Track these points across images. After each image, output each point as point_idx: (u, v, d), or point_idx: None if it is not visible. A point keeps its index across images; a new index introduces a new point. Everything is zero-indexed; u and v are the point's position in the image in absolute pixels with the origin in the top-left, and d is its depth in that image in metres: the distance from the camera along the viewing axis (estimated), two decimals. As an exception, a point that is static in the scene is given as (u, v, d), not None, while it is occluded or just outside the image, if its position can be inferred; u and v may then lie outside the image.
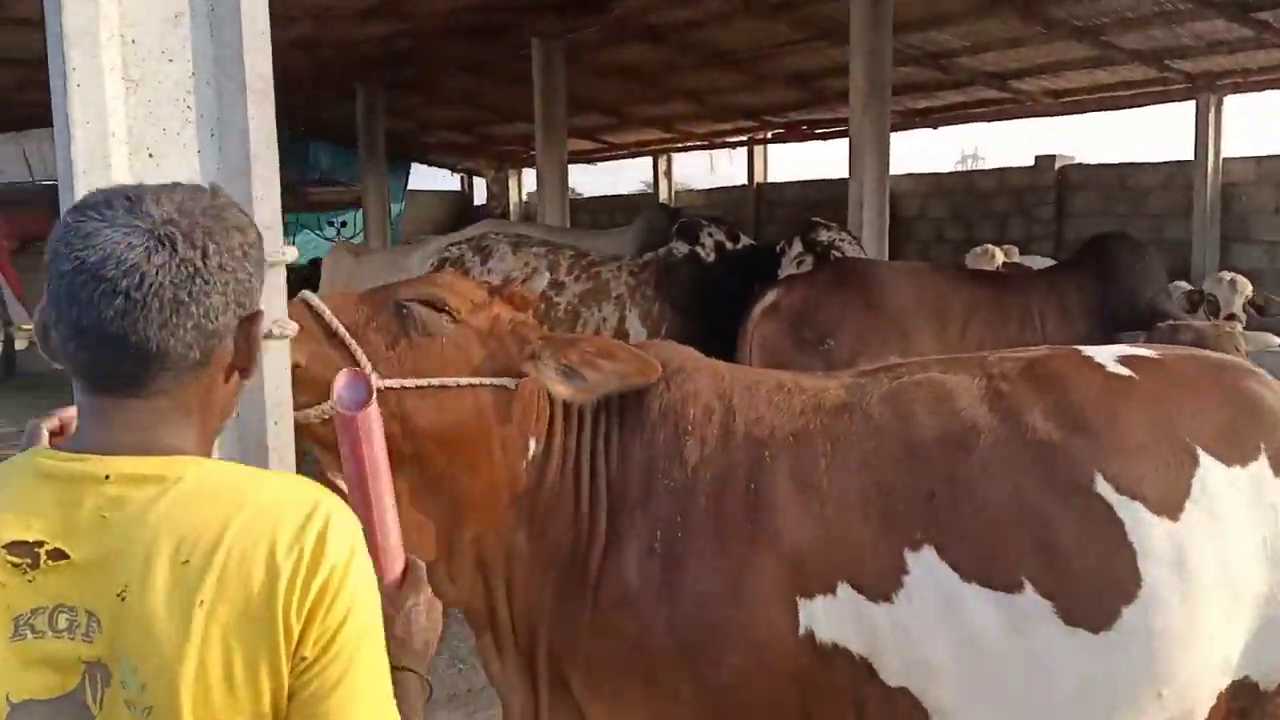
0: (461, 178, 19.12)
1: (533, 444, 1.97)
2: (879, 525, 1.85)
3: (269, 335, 1.66)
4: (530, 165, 14.65)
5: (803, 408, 1.98)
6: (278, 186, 1.67)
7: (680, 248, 5.70)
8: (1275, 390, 2.01)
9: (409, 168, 16.83)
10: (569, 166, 10.31)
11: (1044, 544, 1.82)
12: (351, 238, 15.44)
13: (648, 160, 15.56)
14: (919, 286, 4.47)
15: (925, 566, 1.82)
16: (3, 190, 13.43)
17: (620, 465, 1.97)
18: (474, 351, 1.91)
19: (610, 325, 5.61)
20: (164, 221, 1.11)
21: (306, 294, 1.90)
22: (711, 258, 5.62)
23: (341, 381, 1.57)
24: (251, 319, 1.20)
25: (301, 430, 1.77)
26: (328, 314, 1.84)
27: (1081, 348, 2.11)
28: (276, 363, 1.67)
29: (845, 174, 7.98)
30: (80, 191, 1.53)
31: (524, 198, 17.18)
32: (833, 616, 1.84)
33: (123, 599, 1.08)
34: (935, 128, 12.10)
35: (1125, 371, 1.98)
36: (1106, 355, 2.04)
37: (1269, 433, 1.92)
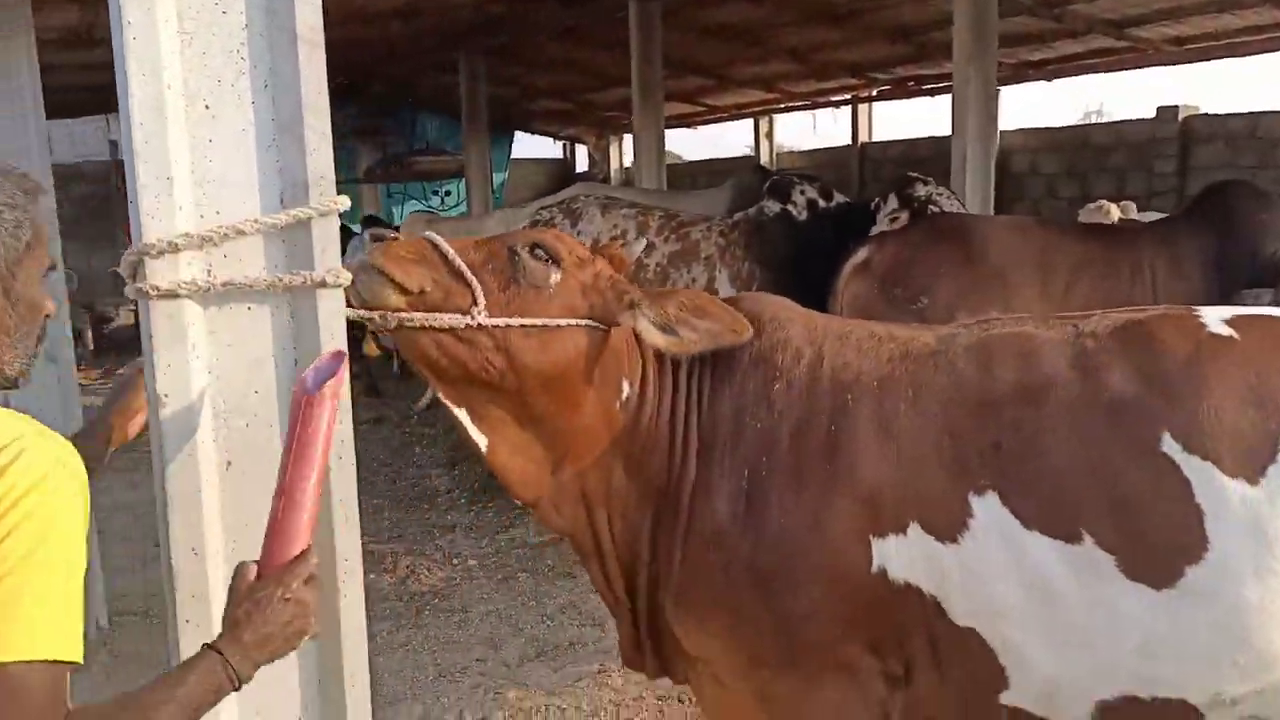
0: (564, 145, 19.21)
1: (626, 387, 2.12)
2: (948, 470, 1.92)
3: (322, 284, 1.70)
4: (631, 131, 14.62)
5: (890, 355, 2.06)
6: (329, 137, 1.69)
7: (771, 206, 5.60)
8: None
9: (512, 136, 16.98)
10: (669, 131, 10.24)
11: (1107, 499, 1.85)
12: (454, 207, 15.70)
13: (749, 123, 15.36)
14: (1020, 240, 4.29)
15: (989, 512, 1.89)
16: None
17: (710, 410, 2.10)
18: (576, 300, 2.04)
19: (700, 286, 5.58)
20: None
21: (431, 234, 2.06)
22: (804, 216, 5.51)
23: (316, 361, 1.60)
24: None
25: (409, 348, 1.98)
26: (451, 252, 1.99)
27: (1195, 308, 2.08)
28: (330, 310, 1.70)
29: (949, 130, 7.73)
30: (139, 144, 1.58)
31: (625, 164, 17.16)
32: (904, 555, 1.93)
33: None
34: (1050, 80, 11.57)
35: (1227, 332, 1.95)
36: (1214, 316, 2.01)
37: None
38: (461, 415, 2.04)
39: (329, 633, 1.75)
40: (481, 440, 2.06)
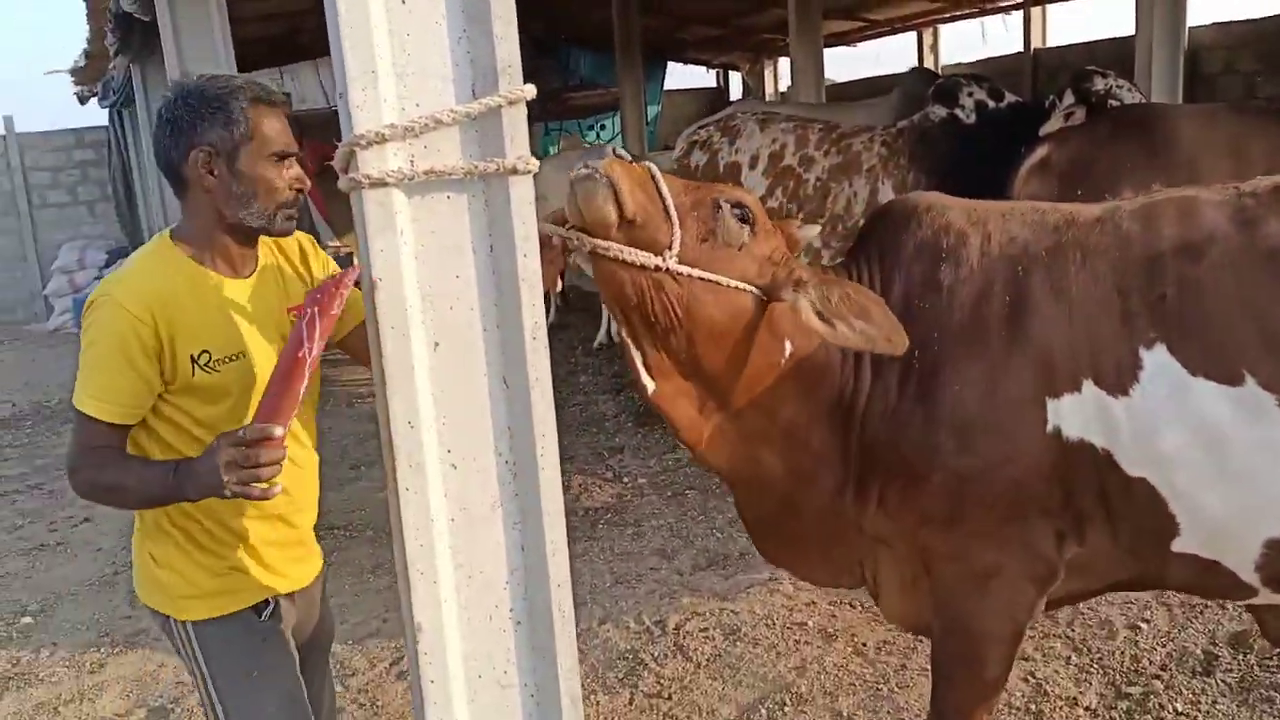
0: (717, 74, 18.97)
1: (789, 346, 2.19)
2: (1118, 325, 2.02)
3: (513, 170, 1.77)
4: (786, 54, 14.28)
5: (1056, 224, 2.14)
6: (515, 24, 1.74)
7: (937, 111, 5.38)
8: None
9: (664, 68, 16.87)
10: (826, 51, 9.96)
11: (1267, 342, 1.94)
12: (610, 141, 15.77)
13: (910, 37, 14.76)
14: (1211, 129, 4.01)
15: (1157, 363, 1.99)
16: (304, 116, 14.74)
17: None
18: (755, 267, 2.12)
19: (862, 199, 5.45)
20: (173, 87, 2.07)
21: (652, 165, 2.13)
22: (972, 119, 5.28)
23: (350, 277, 1.86)
24: (195, 151, 1.98)
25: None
26: (666, 189, 2.07)
27: None
28: (521, 197, 1.77)
29: (1133, 30, 7.25)
30: (345, 35, 1.67)
31: (780, 89, 16.82)
32: (1077, 413, 2.02)
33: None
34: (1245, -30, 10.62)
35: None
36: None
37: None
38: (635, 356, 2.14)
39: (530, 509, 1.86)
40: (649, 384, 2.14)
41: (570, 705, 1.92)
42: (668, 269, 2.00)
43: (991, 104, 5.30)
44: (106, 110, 12.85)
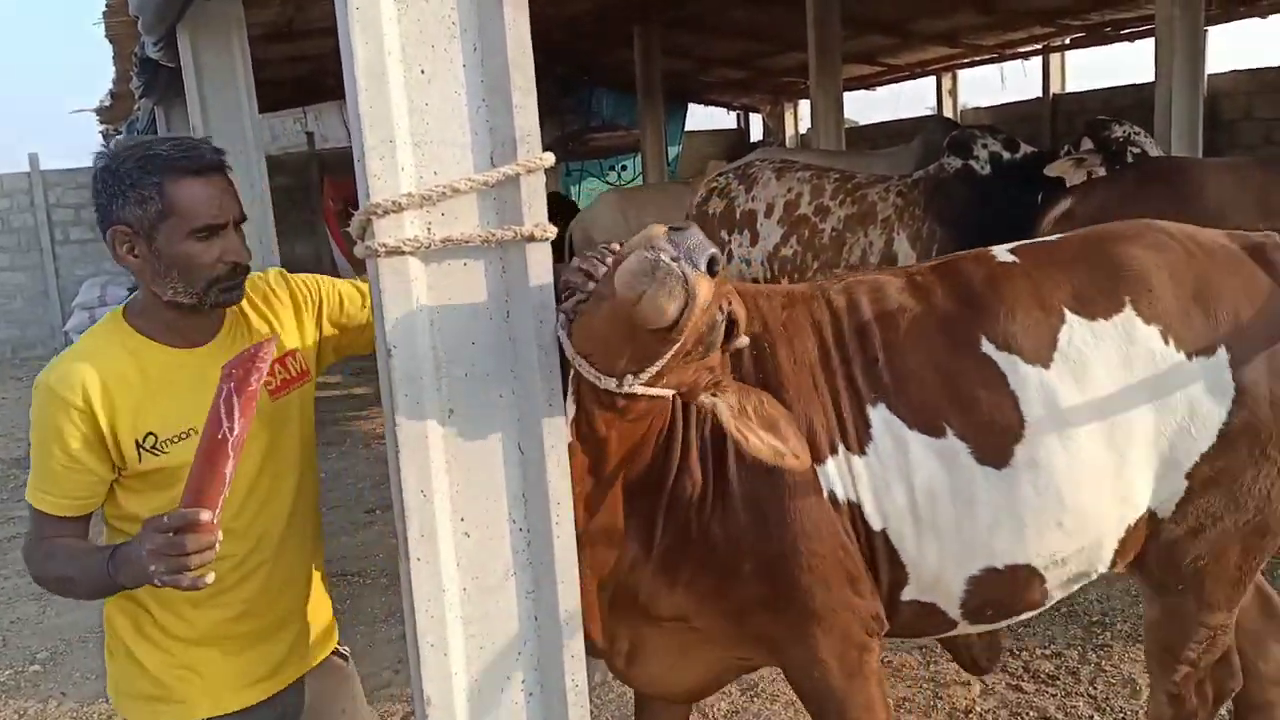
0: (737, 115, 19.09)
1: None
2: (849, 389, 2.20)
3: (530, 237, 1.76)
4: (806, 97, 14.36)
5: (783, 302, 2.29)
6: (534, 94, 1.74)
7: (952, 162, 5.37)
8: (1163, 250, 2.29)
9: (685, 109, 17.01)
10: (846, 94, 10.00)
11: (954, 395, 2.18)
12: (629, 182, 15.86)
13: (929, 81, 14.83)
14: (1238, 183, 3.97)
15: (881, 419, 2.19)
16: (326, 154, 14.87)
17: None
18: (694, 373, 1.91)
19: (877, 249, 5.43)
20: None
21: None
22: (987, 170, 5.27)
23: (267, 349, 1.76)
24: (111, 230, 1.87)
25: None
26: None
27: (990, 248, 2.42)
28: (538, 263, 1.76)
29: (1153, 77, 7.25)
30: (364, 106, 1.68)
31: (800, 130, 16.90)
32: (836, 475, 2.16)
33: None
34: (1264, 16, 10.65)
35: (1011, 259, 2.35)
36: (1001, 249, 2.40)
37: (1134, 287, 2.24)
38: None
39: (544, 578, 1.83)
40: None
41: (582, 780, 1.88)
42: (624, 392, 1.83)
43: (1006, 155, 5.28)
44: (132, 149, 13.01)
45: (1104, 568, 2.33)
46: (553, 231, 1.78)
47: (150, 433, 1.86)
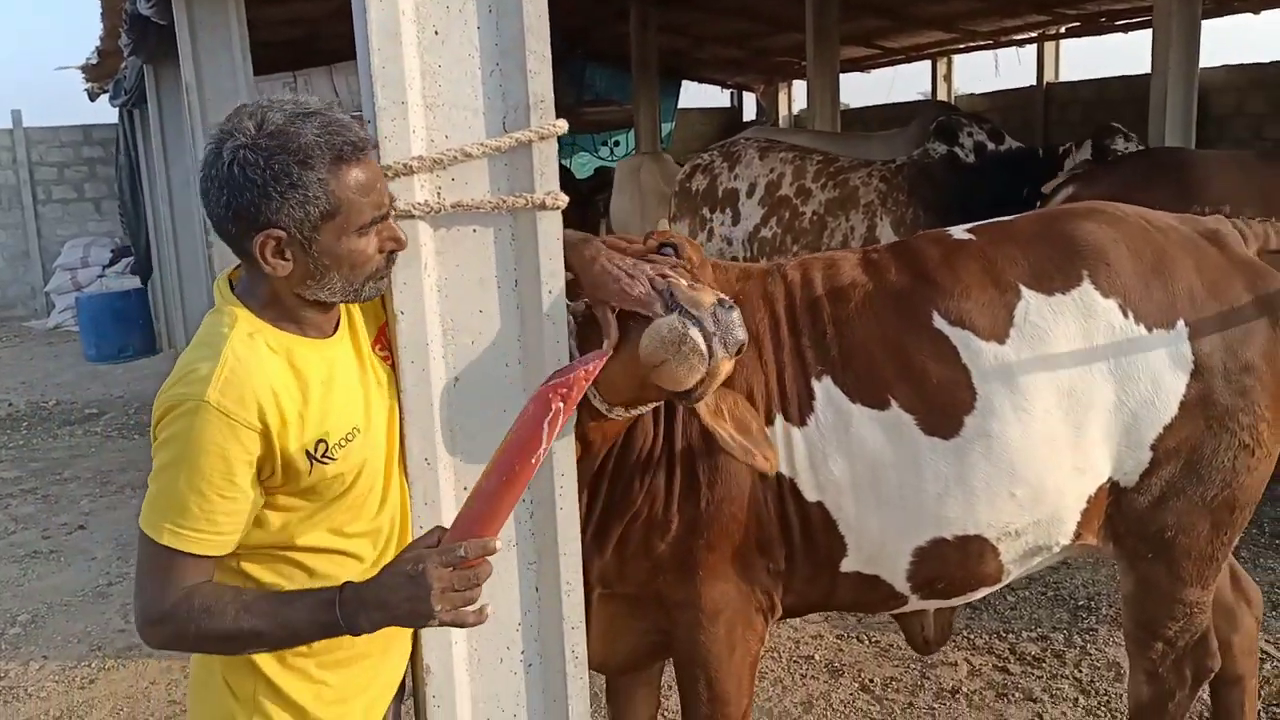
0: (731, 94, 18.98)
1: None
2: (795, 362, 2.24)
3: (542, 205, 1.73)
4: (801, 77, 14.29)
5: (737, 276, 2.34)
6: (548, 60, 1.72)
7: (937, 148, 5.37)
8: (1119, 225, 2.35)
9: (679, 86, 16.88)
10: (841, 76, 9.95)
11: (903, 369, 2.23)
12: (623, 157, 15.77)
13: (924, 65, 14.77)
14: (1242, 176, 3.97)
15: (825, 392, 2.22)
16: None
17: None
18: None
19: (859, 234, 5.41)
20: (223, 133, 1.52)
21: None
22: (971, 159, 5.27)
23: (586, 358, 1.64)
24: (261, 236, 1.52)
25: None
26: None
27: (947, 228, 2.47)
28: (549, 232, 1.74)
29: (1148, 69, 7.24)
30: (376, 66, 1.65)
31: (793, 111, 16.84)
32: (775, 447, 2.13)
33: None
34: (1257, 12, 10.65)
35: (967, 236, 2.39)
36: (958, 229, 2.43)
37: (1092, 262, 2.28)
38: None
39: (546, 548, 1.82)
40: None
41: (579, 751, 1.87)
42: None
43: (991, 145, 5.28)
44: (116, 108, 12.86)
45: (1066, 540, 2.35)
46: (564, 200, 1.75)
47: (321, 439, 1.58)
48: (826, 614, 4.07)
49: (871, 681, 3.68)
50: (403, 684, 1.89)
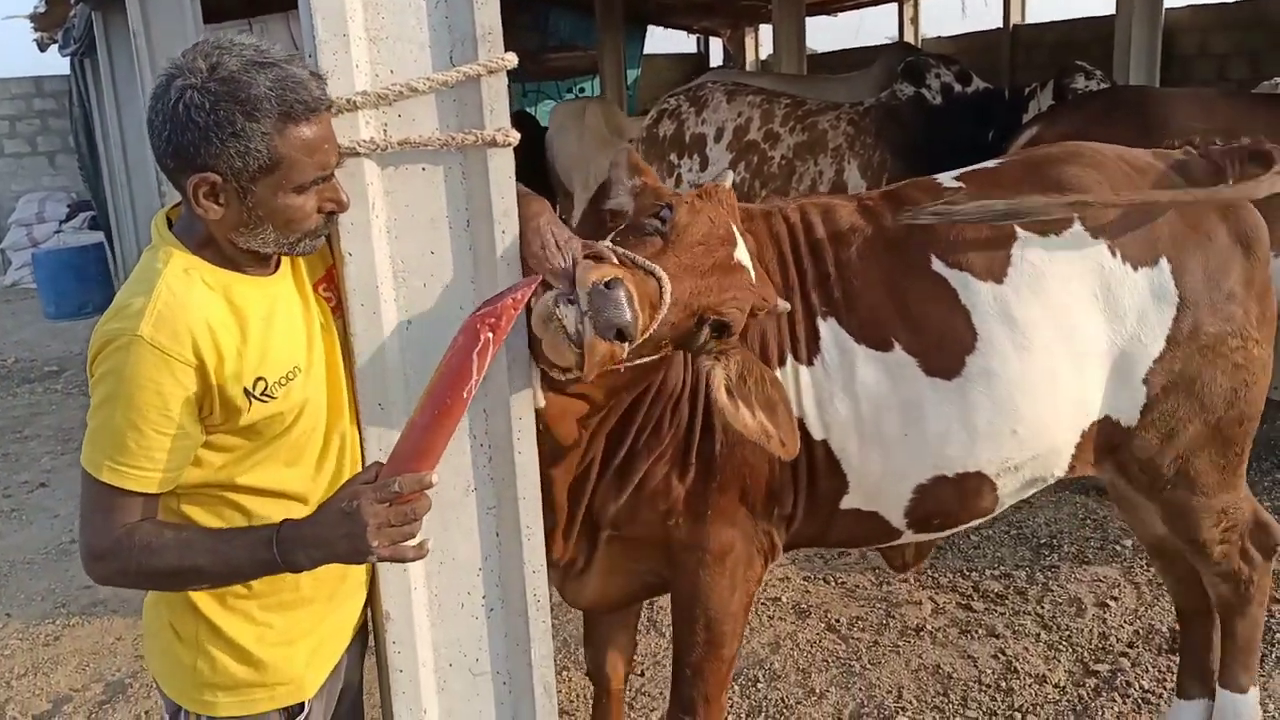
0: (698, 39, 18.75)
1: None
2: (801, 303, 2.24)
3: (492, 143, 1.69)
4: (767, 22, 14.10)
5: (744, 216, 2.22)
6: (497, -10, 1.66)
7: (904, 89, 5.33)
8: (1101, 168, 2.39)
9: (645, 32, 16.64)
10: (808, 20, 9.84)
11: (904, 311, 2.26)
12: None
13: (892, 9, 14.64)
14: (1206, 113, 3.98)
15: (831, 333, 2.25)
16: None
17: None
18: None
19: (828, 178, 5.38)
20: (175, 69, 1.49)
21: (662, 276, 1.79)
22: (938, 100, 5.24)
23: (513, 286, 1.59)
24: (196, 177, 1.49)
25: None
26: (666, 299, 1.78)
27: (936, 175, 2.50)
28: (500, 170, 1.70)
29: (1113, 10, 7.20)
30: (318, 16, 1.59)
31: (761, 57, 16.66)
32: (786, 387, 2.12)
33: None
34: (1223, -51, 10.62)
35: (956, 184, 2.41)
36: (946, 176, 2.46)
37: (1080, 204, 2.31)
38: (535, 375, 1.92)
39: (505, 493, 1.80)
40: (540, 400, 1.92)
41: (544, 693, 1.87)
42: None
43: (958, 87, 5.25)
44: (67, 59, 12.51)
45: (1061, 472, 2.42)
46: (516, 137, 1.71)
47: (260, 377, 1.56)
48: (794, 557, 4.11)
49: (838, 621, 3.72)
50: (365, 631, 1.88)
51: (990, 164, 2.50)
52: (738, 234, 1.92)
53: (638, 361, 1.81)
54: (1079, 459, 2.40)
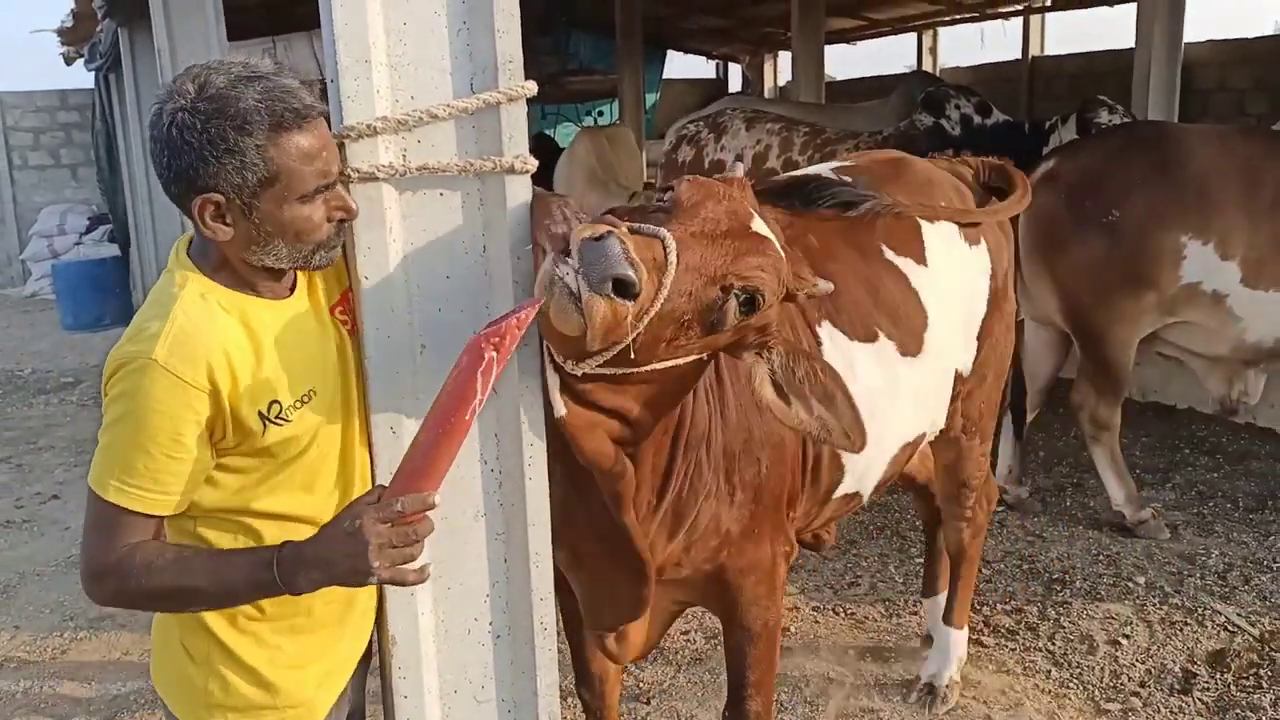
0: (717, 65, 18.85)
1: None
2: (798, 312, 2.26)
3: (511, 169, 1.70)
4: (787, 49, 14.17)
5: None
6: (517, 19, 1.67)
7: (924, 120, 5.36)
8: (935, 169, 2.90)
9: (664, 56, 16.74)
10: (826, 48, 9.88)
11: (878, 301, 2.45)
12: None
13: (910, 38, 14.70)
14: (1223, 150, 3.95)
15: (829, 335, 2.34)
16: (297, 89, 14.47)
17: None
18: (740, 333, 1.76)
19: (843, 206, 5.41)
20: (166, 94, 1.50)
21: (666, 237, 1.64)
22: (957, 131, 5.26)
23: (517, 307, 1.53)
24: (199, 199, 1.50)
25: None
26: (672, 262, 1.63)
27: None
28: (518, 196, 1.70)
29: (1133, 43, 7.22)
30: (339, 23, 1.60)
31: (779, 83, 16.73)
32: None
33: None
34: (1246, -14, 10.61)
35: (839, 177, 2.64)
36: (824, 168, 2.75)
37: (943, 198, 2.76)
38: (552, 381, 1.80)
39: (514, 519, 1.80)
40: (560, 409, 1.80)
41: (548, 722, 1.86)
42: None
43: (978, 119, 5.27)
44: (93, 73, 12.66)
45: (943, 426, 2.81)
46: (533, 164, 1.72)
47: (274, 400, 1.56)
48: (802, 587, 4.09)
49: (847, 654, 3.69)
50: (369, 654, 1.88)
51: (848, 163, 2.86)
52: (754, 211, 1.75)
53: (670, 362, 1.67)
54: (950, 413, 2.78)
